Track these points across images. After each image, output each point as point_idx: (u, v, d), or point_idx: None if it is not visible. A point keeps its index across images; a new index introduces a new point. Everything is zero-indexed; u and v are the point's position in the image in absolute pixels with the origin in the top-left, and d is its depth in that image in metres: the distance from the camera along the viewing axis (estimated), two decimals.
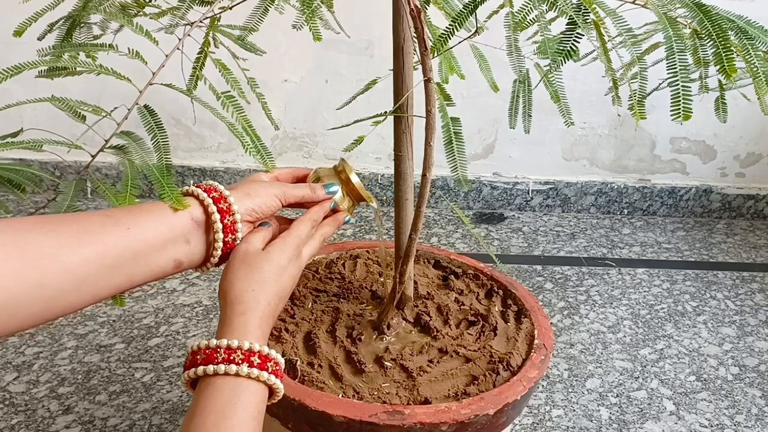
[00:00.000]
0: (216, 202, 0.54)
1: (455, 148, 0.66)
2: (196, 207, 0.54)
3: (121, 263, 0.46)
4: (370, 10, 1.65)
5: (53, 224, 0.43)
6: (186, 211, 0.52)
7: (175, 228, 0.51)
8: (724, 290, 1.58)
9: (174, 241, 0.51)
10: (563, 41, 0.48)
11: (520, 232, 1.87)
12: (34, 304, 0.40)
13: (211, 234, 0.54)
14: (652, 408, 1.16)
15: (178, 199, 0.53)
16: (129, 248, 0.47)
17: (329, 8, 0.74)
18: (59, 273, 0.42)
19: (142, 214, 0.50)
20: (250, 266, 0.54)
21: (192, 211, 0.53)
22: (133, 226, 0.47)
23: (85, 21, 0.68)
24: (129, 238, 0.47)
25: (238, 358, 0.48)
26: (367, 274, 0.93)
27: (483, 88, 1.68)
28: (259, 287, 0.53)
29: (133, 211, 0.49)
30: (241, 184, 0.60)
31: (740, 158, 1.97)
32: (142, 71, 0.65)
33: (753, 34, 0.52)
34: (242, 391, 0.47)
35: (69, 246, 0.43)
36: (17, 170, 0.61)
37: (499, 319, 0.83)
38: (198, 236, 0.53)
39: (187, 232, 0.52)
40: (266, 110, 0.78)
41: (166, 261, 0.50)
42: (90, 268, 0.44)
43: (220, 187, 0.56)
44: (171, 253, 0.51)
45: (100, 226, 0.46)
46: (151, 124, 0.60)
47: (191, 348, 0.50)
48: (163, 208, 0.52)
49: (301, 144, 1.92)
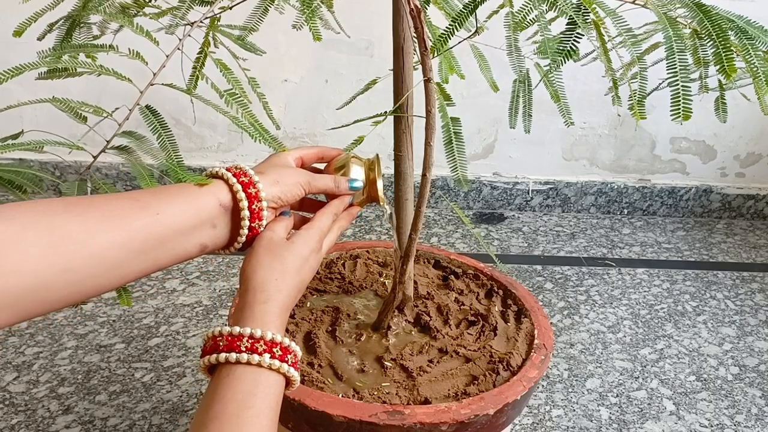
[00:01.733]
0: (245, 187, 0.53)
1: (455, 148, 0.66)
2: (223, 191, 0.53)
3: (148, 248, 0.46)
4: (370, 10, 1.65)
5: (82, 207, 0.43)
6: (214, 195, 0.52)
7: (202, 213, 0.51)
8: (724, 290, 1.58)
9: (201, 225, 0.51)
10: (563, 41, 0.48)
11: (520, 232, 1.87)
12: (62, 288, 0.41)
13: (236, 218, 0.54)
14: (652, 408, 1.16)
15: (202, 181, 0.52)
16: (156, 233, 0.46)
17: (329, 8, 0.74)
18: (87, 258, 0.42)
19: (171, 198, 0.49)
20: (273, 255, 0.54)
21: (219, 195, 0.52)
22: (161, 211, 0.47)
23: (85, 21, 0.68)
24: (157, 223, 0.47)
25: (261, 348, 0.48)
26: (367, 274, 0.93)
27: (483, 88, 1.68)
28: (281, 277, 0.53)
29: (161, 195, 0.49)
30: (267, 168, 0.58)
31: (740, 158, 1.97)
32: (142, 71, 0.65)
33: (753, 34, 0.52)
34: (263, 381, 0.47)
35: (97, 231, 0.43)
36: (17, 171, 0.61)
37: (499, 319, 0.83)
38: (224, 220, 0.53)
39: (214, 216, 0.52)
40: (267, 110, 0.78)
41: (192, 245, 0.50)
42: (118, 253, 0.44)
43: (250, 172, 0.55)
44: (197, 237, 0.50)
45: (129, 211, 0.45)
46: (154, 124, 0.60)
47: (211, 333, 0.50)
48: (191, 191, 0.51)
49: (301, 144, 1.92)
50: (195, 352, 1.24)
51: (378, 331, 0.79)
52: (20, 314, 0.39)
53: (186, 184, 0.51)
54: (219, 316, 1.36)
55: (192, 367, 1.19)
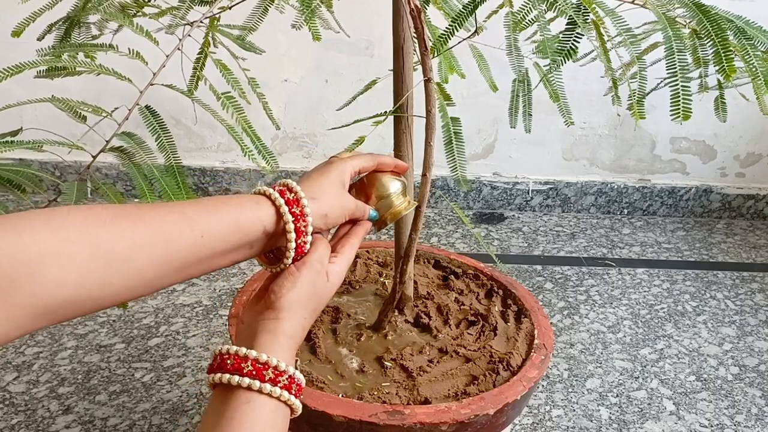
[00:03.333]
0: (296, 220, 0.52)
1: (455, 148, 0.66)
2: (271, 217, 0.52)
3: (186, 266, 0.47)
4: (370, 10, 1.65)
5: (130, 221, 0.43)
6: (259, 220, 0.51)
7: (246, 237, 0.50)
8: (724, 290, 1.58)
9: (240, 247, 0.50)
10: (563, 41, 0.48)
11: (520, 232, 1.87)
12: (99, 299, 0.42)
13: (274, 239, 0.53)
14: (652, 408, 1.16)
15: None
16: (198, 255, 0.47)
17: (329, 8, 0.74)
18: (128, 273, 0.42)
19: (218, 218, 0.48)
20: (314, 290, 0.54)
21: (265, 221, 0.51)
22: (206, 233, 0.47)
23: (84, 21, 0.68)
24: (200, 245, 0.47)
25: (268, 376, 0.48)
26: (367, 274, 0.93)
27: (483, 88, 1.68)
28: (311, 315, 0.53)
29: (209, 213, 0.48)
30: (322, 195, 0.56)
31: (740, 158, 1.97)
32: (142, 71, 0.65)
33: (752, 34, 0.52)
34: (266, 409, 0.48)
35: (142, 248, 0.43)
36: (17, 171, 0.61)
37: (499, 319, 0.83)
38: (262, 242, 0.52)
39: (255, 239, 0.51)
40: (267, 110, 0.78)
41: (225, 262, 0.51)
42: (158, 270, 0.44)
43: (304, 201, 0.53)
44: (232, 256, 0.51)
45: (176, 230, 0.46)
46: (153, 124, 0.60)
47: (219, 350, 0.50)
48: (239, 213, 0.50)
49: (301, 144, 1.92)
50: (195, 353, 1.24)
51: (378, 331, 0.79)
52: (56, 320, 0.40)
53: (236, 202, 0.51)
54: (219, 316, 1.36)
55: (192, 368, 1.19)
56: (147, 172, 0.59)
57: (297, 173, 1.93)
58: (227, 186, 1.94)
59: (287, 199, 0.52)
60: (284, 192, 0.52)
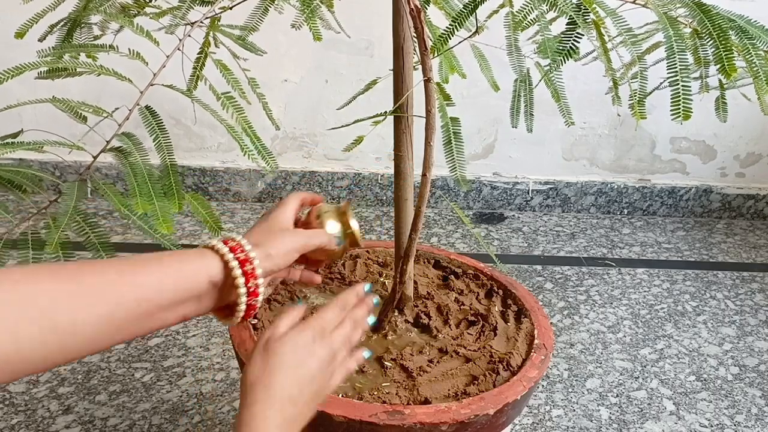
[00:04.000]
0: (241, 264, 0.51)
1: (455, 148, 0.66)
2: (215, 266, 0.51)
3: (129, 322, 0.45)
4: (370, 10, 1.65)
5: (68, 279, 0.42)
6: (205, 270, 0.50)
7: (192, 290, 0.49)
8: (724, 290, 1.58)
9: (186, 300, 0.49)
10: (563, 41, 0.48)
11: (520, 232, 1.87)
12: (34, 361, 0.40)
13: (225, 291, 0.52)
14: (652, 408, 1.16)
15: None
16: (140, 309, 0.46)
17: (329, 8, 0.74)
18: (69, 332, 0.41)
19: (160, 271, 0.47)
20: (267, 352, 0.51)
21: (211, 271, 0.50)
22: (147, 287, 0.46)
23: (86, 22, 0.68)
24: (142, 299, 0.46)
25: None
26: (367, 274, 0.93)
27: (483, 88, 1.68)
28: (273, 374, 0.50)
29: (151, 267, 0.47)
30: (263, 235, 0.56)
31: (740, 158, 1.97)
32: (142, 71, 0.65)
33: (753, 33, 0.52)
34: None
35: (83, 306, 0.42)
36: (17, 171, 0.61)
37: (499, 319, 0.83)
38: (211, 295, 0.51)
39: (202, 292, 0.50)
40: (267, 110, 0.78)
41: (173, 318, 0.49)
42: (98, 328, 0.43)
43: (247, 248, 0.52)
44: (180, 311, 0.49)
45: (115, 285, 0.45)
46: (152, 125, 0.60)
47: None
48: (182, 264, 0.49)
49: (301, 144, 1.92)
50: (195, 353, 1.24)
51: (378, 331, 0.79)
52: None
53: (178, 255, 0.50)
54: None
55: (192, 368, 1.19)
56: (142, 172, 0.58)
57: (297, 173, 1.93)
58: (227, 186, 1.94)
59: (230, 246, 0.51)
60: (227, 241, 0.52)
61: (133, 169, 0.58)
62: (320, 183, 1.95)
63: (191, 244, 1.66)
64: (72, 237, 0.61)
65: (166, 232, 0.57)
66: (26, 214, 1.67)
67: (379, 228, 1.83)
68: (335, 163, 1.95)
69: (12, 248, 0.62)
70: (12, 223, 0.65)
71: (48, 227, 0.58)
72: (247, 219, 1.84)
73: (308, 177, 1.94)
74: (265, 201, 1.97)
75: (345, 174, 1.94)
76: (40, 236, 0.60)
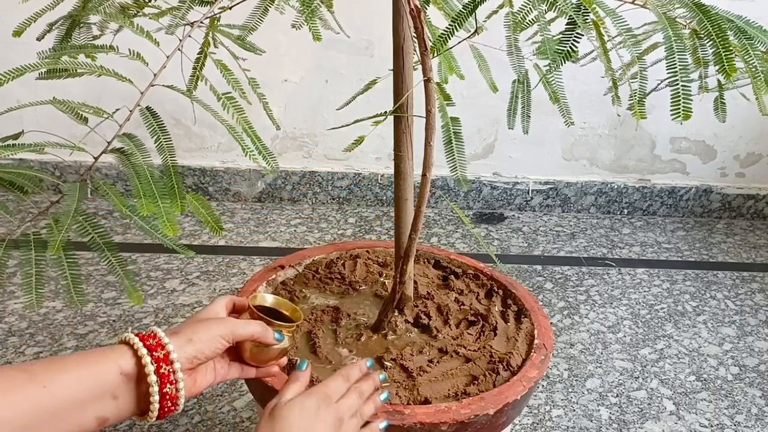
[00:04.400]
0: (151, 350, 0.50)
1: (455, 148, 0.66)
2: (126, 357, 0.49)
3: (35, 423, 0.44)
4: (370, 10, 1.65)
5: None
6: (114, 363, 0.49)
7: (100, 384, 0.48)
8: (724, 290, 1.58)
9: (98, 397, 0.47)
10: (563, 41, 0.49)
11: (520, 232, 1.87)
12: None
13: (144, 386, 0.50)
14: (652, 408, 1.16)
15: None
16: (44, 408, 0.44)
17: (329, 8, 0.74)
18: None
19: (64, 368, 0.46)
20: (274, 418, 0.51)
21: (121, 362, 0.49)
22: (49, 383, 0.44)
23: (85, 21, 0.68)
24: (45, 397, 0.44)
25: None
26: (367, 274, 0.93)
27: (483, 88, 1.68)
28: None
29: (54, 365, 0.46)
30: (186, 325, 0.55)
31: (740, 158, 1.97)
32: (142, 71, 0.65)
33: (752, 34, 0.52)
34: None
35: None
36: (18, 172, 0.61)
37: (499, 319, 0.83)
38: (128, 390, 0.49)
39: (115, 387, 0.48)
40: (267, 110, 0.78)
41: (87, 419, 0.47)
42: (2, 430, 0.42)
43: (160, 334, 0.51)
44: (93, 410, 0.47)
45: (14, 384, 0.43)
46: (153, 126, 0.60)
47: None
48: (89, 360, 0.48)
49: (301, 144, 1.92)
50: None
51: (378, 331, 0.79)
52: None
53: (86, 352, 0.49)
54: None
55: None
56: (145, 174, 0.58)
57: (297, 173, 1.93)
58: (227, 186, 1.94)
59: (149, 344, 0.50)
60: (147, 338, 0.51)
61: (136, 170, 0.58)
62: (320, 183, 1.95)
63: (191, 244, 1.67)
64: (72, 237, 0.61)
65: (171, 234, 0.57)
66: (26, 215, 1.67)
67: (379, 228, 1.83)
68: (335, 163, 1.95)
69: (14, 248, 0.62)
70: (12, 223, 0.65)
71: (49, 227, 0.58)
72: (247, 219, 1.84)
73: (308, 177, 1.94)
74: (265, 201, 1.97)
75: (345, 174, 1.94)
76: (41, 237, 0.60)
